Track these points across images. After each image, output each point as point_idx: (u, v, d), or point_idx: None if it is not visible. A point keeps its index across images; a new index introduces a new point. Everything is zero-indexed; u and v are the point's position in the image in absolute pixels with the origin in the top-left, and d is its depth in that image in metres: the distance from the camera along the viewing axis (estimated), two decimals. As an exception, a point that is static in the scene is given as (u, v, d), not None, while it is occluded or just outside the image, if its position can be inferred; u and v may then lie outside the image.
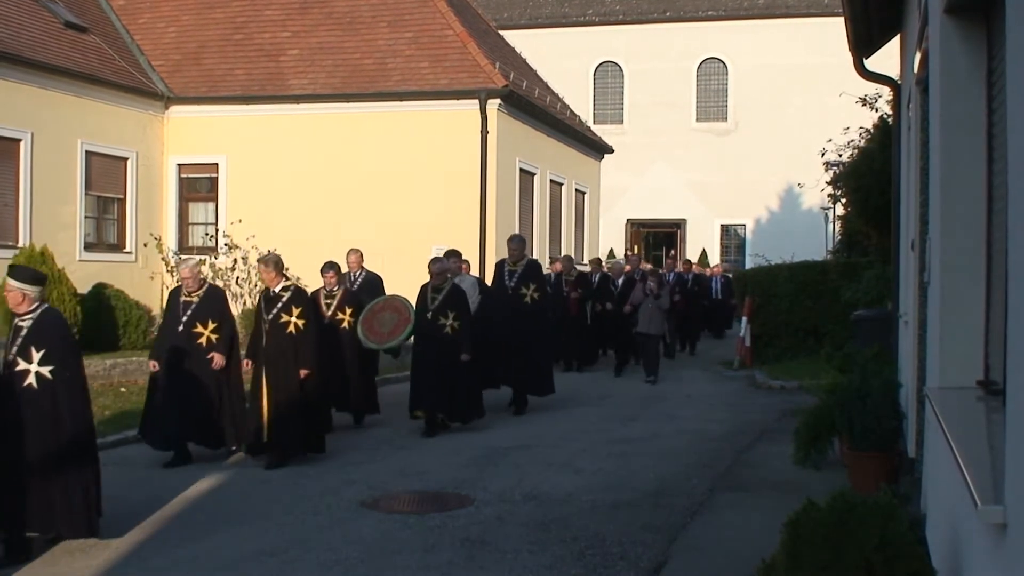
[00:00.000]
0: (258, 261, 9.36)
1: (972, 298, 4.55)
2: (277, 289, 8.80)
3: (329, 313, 10.57)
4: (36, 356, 6.02)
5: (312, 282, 11.89)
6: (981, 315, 4.51)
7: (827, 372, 9.35)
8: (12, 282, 6.24)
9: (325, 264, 10.88)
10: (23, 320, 6.20)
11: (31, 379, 6.00)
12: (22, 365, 6.03)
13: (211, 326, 8.81)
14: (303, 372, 8.69)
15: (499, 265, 12.33)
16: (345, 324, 10.60)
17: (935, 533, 4.88)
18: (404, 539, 6.49)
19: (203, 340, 8.79)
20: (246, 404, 9.01)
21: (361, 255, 12.33)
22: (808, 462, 7.85)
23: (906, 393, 7.52)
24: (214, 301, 9.06)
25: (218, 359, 8.78)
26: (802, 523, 3.53)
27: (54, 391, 6.03)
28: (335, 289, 10.73)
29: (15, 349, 6.11)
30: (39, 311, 6.23)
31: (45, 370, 6.01)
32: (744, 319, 16.93)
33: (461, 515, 7.06)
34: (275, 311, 8.70)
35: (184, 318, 8.82)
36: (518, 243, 12.13)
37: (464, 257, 13.12)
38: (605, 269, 17.53)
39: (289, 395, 8.65)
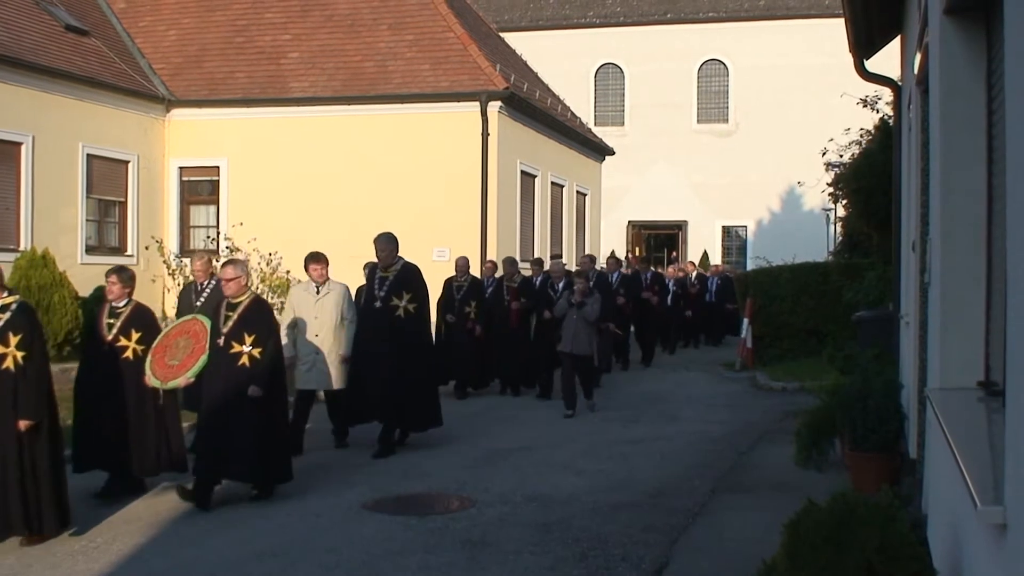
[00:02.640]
0: None
1: (973, 299, 4.55)
2: None
3: (110, 337, 7.68)
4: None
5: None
6: (982, 316, 4.51)
7: (828, 373, 9.38)
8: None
9: (109, 269, 8.12)
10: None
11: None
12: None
13: None
14: (23, 423, 6.27)
15: (370, 271, 9.95)
16: (129, 353, 7.68)
17: (936, 534, 4.88)
18: (405, 540, 6.49)
19: None
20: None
21: (209, 260, 9.86)
22: (809, 463, 7.83)
23: (907, 394, 7.52)
24: None
25: None
26: (803, 524, 3.54)
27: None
28: (120, 305, 7.81)
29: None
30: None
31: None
32: (745, 320, 16.93)
33: (462, 517, 7.07)
34: None
35: None
36: (385, 242, 9.64)
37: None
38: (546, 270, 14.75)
39: (5, 453, 6.29)
